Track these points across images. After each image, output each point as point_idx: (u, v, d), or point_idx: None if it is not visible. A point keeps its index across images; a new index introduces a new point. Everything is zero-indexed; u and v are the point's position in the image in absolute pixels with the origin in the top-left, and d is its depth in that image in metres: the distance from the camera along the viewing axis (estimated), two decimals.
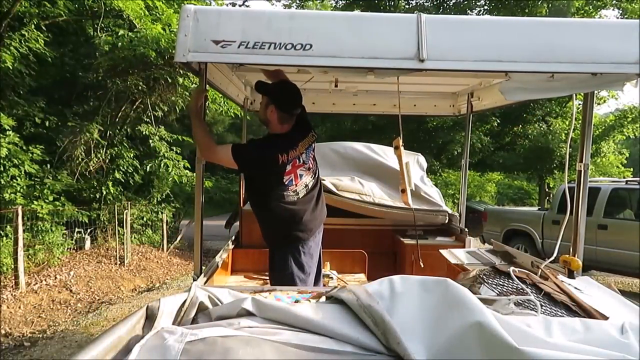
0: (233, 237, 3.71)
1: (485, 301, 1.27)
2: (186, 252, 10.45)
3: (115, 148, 9.47)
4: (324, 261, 3.41)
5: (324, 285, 3.04)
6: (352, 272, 3.57)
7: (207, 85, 2.35)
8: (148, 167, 9.45)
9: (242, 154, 2.38)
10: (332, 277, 3.30)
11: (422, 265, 2.99)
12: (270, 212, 2.52)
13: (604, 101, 14.81)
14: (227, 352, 0.97)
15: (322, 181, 2.84)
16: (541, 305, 1.44)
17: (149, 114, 9.57)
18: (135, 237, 9.63)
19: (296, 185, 2.49)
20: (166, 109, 9.98)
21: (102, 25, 8.92)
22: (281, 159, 2.41)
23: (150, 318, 1.15)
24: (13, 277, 6.05)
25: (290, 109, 2.49)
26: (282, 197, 2.46)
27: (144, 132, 9.55)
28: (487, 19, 2.72)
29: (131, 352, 0.95)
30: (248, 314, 1.19)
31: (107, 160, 9.24)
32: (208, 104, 6.95)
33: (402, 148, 2.60)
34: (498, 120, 14.43)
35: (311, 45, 1.80)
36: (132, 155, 9.68)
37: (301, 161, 2.52)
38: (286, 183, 2.46)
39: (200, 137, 2.32)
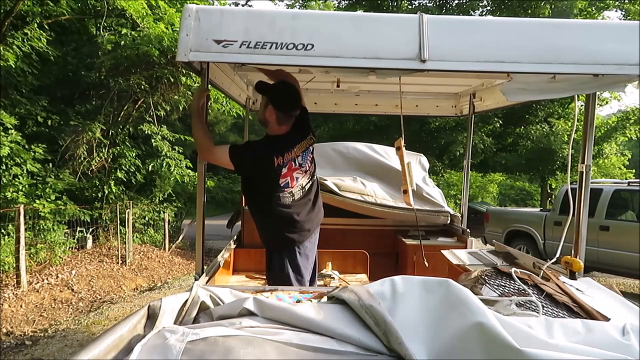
0: (235, 237, 3.71)
1: (486, 302, 1.27)
2: (188, 252, 10.47)
3: (118, 147, 9.48)
4: (326, 261, 3.42)
5: (325, 285, 3.05)
6: (353, 272, 3.58)
7: (209, 85, 2.35)
8: (150, 167, 9.45)
9: (238, 156, 2.38)
10: (333, 277, 3.30)
11: (427, 265, 2.97)
12: (266, 214, 2.52)
13: (607, 102, 14.74)
14: (228, 352, 0.97)
15: (322, 182, 2.83)
16: (542, 306, 1.44)
17: (152, 113, 9.58)
18: (137, 237, 9.64)
19: (292, 187, 2.49)
20: (168, 108, 9.99)
21: (105, 24, 8.93)
22: (277, 161, 2.40)
23: (152, 317, 1.15)
24: (15, 276, 6.07)
25: (288, 109, 2.48)
26: (278, 198, 2.46)
27: (146, 132, 9.56)
28: (489, 20, 2.71)
29: (132, 352, 0.95)
30: (249, 313, 1.19)
31: (109, 160, 9.25)
32: (210, 103, 6.95)
33: (403, 149, 2.60)
34: (500, 121, 14.38)
35: (313, 46, 1.80)
36: (134, 154, 9.69)
37: (297, 164, 2.51)
38: (282, 185, 2.45)
39: (199, 137, 2.33)
